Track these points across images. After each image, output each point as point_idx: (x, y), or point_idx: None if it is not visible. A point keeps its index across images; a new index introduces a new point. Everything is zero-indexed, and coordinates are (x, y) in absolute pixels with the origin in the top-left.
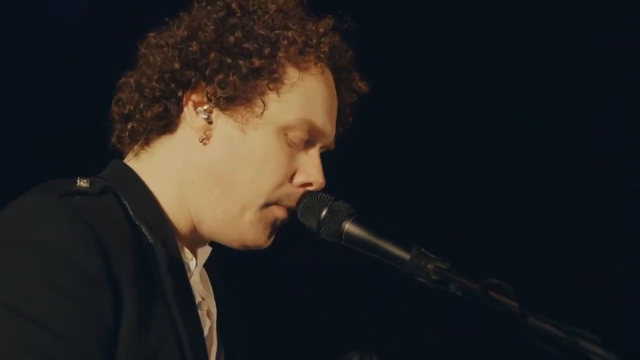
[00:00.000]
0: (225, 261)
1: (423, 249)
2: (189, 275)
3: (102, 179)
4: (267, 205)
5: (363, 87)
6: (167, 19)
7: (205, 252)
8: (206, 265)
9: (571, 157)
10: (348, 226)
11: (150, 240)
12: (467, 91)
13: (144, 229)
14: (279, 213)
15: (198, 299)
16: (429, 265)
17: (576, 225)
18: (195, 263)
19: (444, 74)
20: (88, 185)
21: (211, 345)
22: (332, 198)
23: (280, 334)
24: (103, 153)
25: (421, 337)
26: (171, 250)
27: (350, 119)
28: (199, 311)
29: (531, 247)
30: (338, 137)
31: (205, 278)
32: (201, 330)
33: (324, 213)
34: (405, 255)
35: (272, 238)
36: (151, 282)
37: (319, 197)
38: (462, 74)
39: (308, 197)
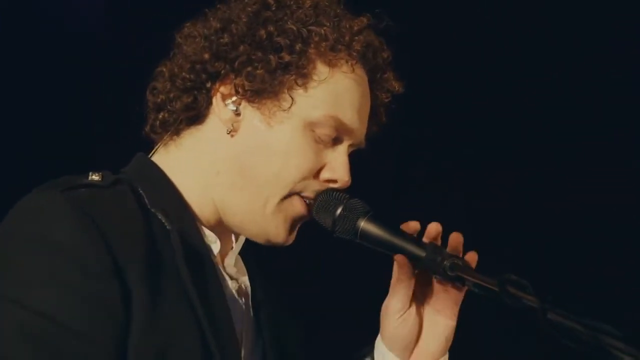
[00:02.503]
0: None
1: (439, 245)
2: (213, 258)
3: (122, 172)
4: (289, 195)
5: (397, 87)
6: (206, 10)
7: (241, 238)
8: (242, 253)
9: (593, 155)
10: (363, 224)
11: (167, 227)
12: (486, 94)
13: (160, 216)
14: (300, 207)
15: (228, 280)
16: (445, 262)
17: (596, 220)
18: (219, 246)
19: (464, 77)
20: (99, 179)
21: (244, 324)
22: (348, 196)
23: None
24: (118, 151)
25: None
26: (189, 234)
27: (384, 118)
28: (230, 291)
29: (552, 242)
30: (370, 136)
31: (239, 262)
32: (225, 310)
33: (339, 211)
34: (421, 253)
35: (293, 235)
36: (165, 269)
37: (334, 195)
38: (481, 77)
39: (323, 195)
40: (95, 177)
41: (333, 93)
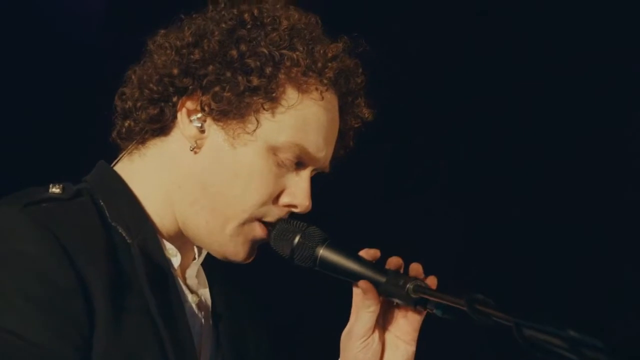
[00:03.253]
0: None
1: (400, 270)
2: (174, 271)
3: (84, 181)
4: (249, 221)
5: (367, 115)
6: (182, 16)
7: (203, 250)
8: (205, 263)
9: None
10: (322, 251)
11: (127, 240)
12: (475, 102)
13: (120, 230)
14: (259, 232)
15: (187, 293)
16: (408, 285)
17: (583, 228)
18: (179, 259)
19: (452, 81)
20: (60, 191)
21: (202, 338)
22: (306, 224)
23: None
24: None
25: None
26: (150, 248)
27: (352, 143)
28: (190, 304)
29: (540, 251)
30: (338, 159)
31: (200, 274)
32: (185, 324)
33: (297, 239)
34: (382, 278)
35: (253, 255)
36: (126, 283)
37: (292, 223)
38: (472, 83)
39: (280, 224)
40: (56, 189)
41: (300, 119)
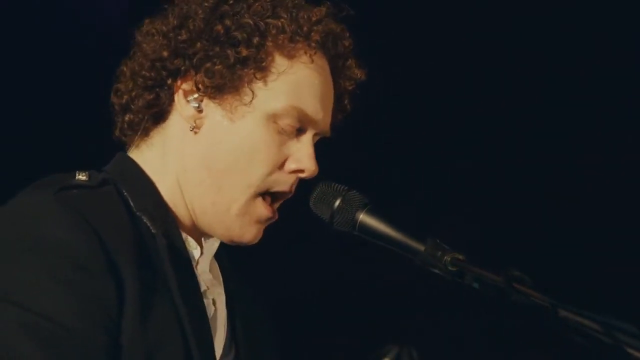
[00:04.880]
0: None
1: (438, 240)
2: (194, 264)
3: (104, 172)
4: (256, 195)
5: (360, 75)
6: (165, 6)
7: (213, 242)
8: (218, 257)
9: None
10: (362, 216)
11: (152, 231)
12: (482, 87)
13: (145, 220)
14: (264, 211)
15: (203, 288)
16: (446, 257)
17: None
18: (200, 252)
19: (460, 71)
20: (87, 179)
21: (215, 333)
22: (346, 188)
23: (313, 327)
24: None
25: (457, 331)
26: (174, 240)
27: (349, 106)
28: (205, 299)
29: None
30: (343, 127)
31: (214, 268)
32: (206, 318)
33: (337, 203)
34: (420, 247)
35: (259, 236)
36: (153, 272)
37: (332, 186)
38: (477, 71)
39: (321, 187)
40: (82, 176)
41: (293, 84)
